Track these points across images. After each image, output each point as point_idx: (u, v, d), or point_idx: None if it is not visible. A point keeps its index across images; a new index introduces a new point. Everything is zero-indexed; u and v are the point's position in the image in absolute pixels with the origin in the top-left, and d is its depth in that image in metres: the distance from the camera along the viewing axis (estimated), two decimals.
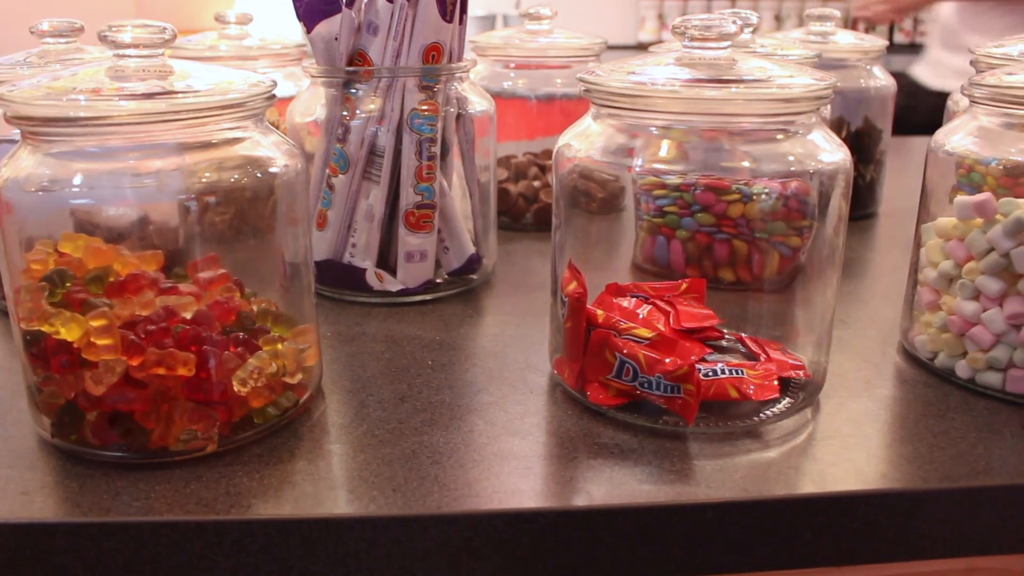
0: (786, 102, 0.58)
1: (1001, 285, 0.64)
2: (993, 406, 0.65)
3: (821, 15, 1.12)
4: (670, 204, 0.83)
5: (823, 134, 0.63)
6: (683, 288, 0.72)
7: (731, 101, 0.58)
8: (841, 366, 0.71)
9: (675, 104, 0.58)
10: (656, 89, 0.58)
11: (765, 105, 0.58)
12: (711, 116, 0.59)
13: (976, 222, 0.65)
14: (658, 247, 0.85)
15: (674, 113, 0.59)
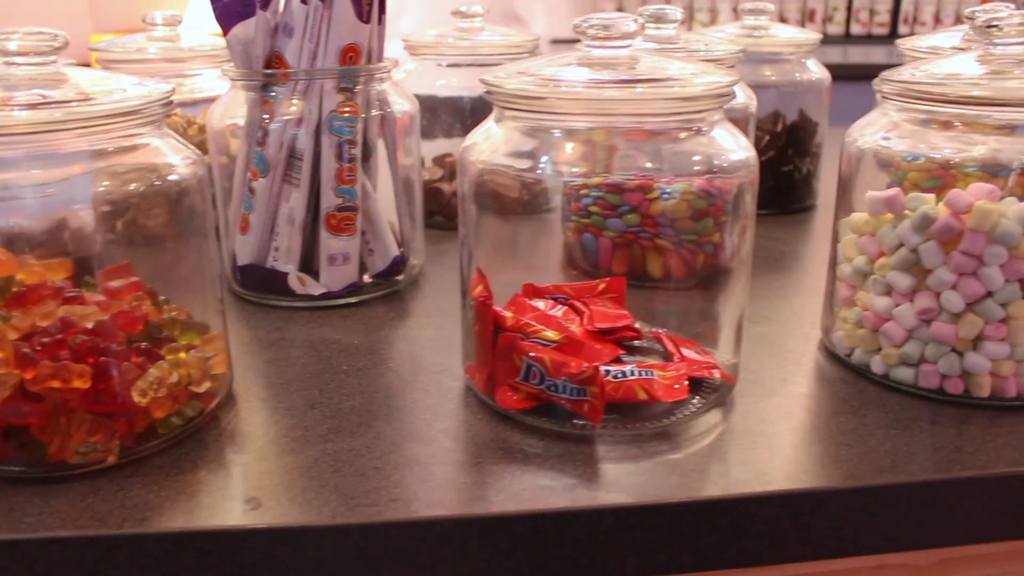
0: (686, 100, 0.58)
1: (911, 280, 0.63)
2: (906, 402, 0.64)
3: (754, 9, 1.12)
4: (594, 204, 0.83)
5: (728, 132, 0.62)
6: (601, 288, 0.72)
7: (629, 101, 0.57)
8: (760, 363, 0.70)
9: (574, 105, 0.57)
10: (554, 91, 0.58)
11: (665, 104, 0.57)
12: (611, 117, 0.58)
13: (887, 217, 0.65)
14: (586, 247, 0.84)
15: (574, 114, 0.58)
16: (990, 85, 0.62)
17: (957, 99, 0.62)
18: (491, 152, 0.62)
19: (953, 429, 0.61)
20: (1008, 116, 0.62)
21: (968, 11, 0.87)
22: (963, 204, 0.61)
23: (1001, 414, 0.63)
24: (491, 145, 0.62)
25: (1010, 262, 0.60)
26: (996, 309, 0.61)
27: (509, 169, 0.62)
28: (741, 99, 0.90)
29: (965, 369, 0.63)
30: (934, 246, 0.62)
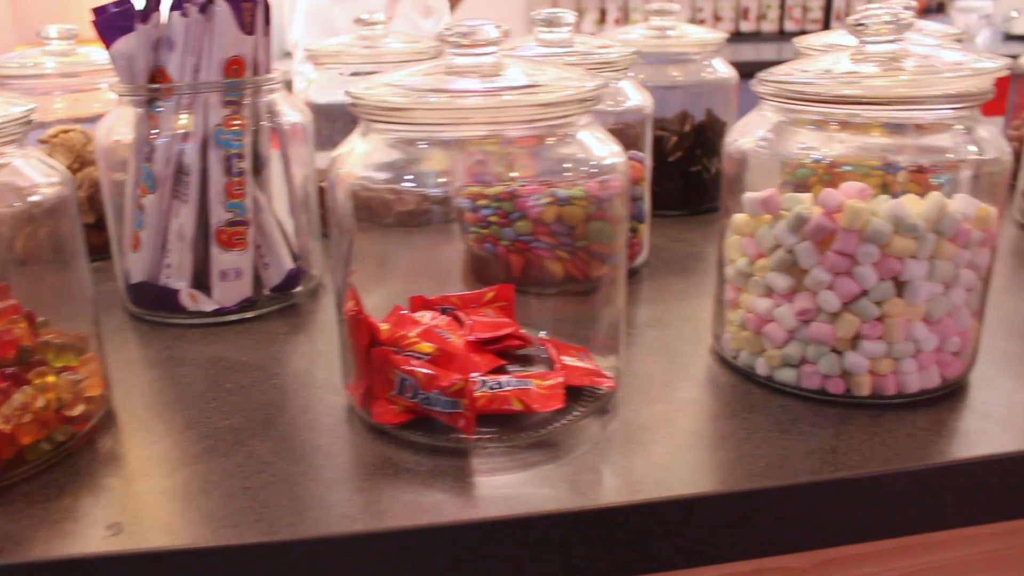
0: (547, 107, 0.57)
1: (790, 281, 0.63)
2: (789, 403, 0.64)
3: (661, 9, 1.12)
4: (492, 214, 0.82)
5: (596, 136, 0.62)
6: (490, 296, 0.71)
7: (488, 110, 0.56)
8: (648, 368, 0.70)
9: (434, 116, 0.57)
10: (417, 102, 0.57)
11: (525, 111, 0.57)
12: (471, 126, 0.57)
13: (764, 218, 0.65)
14: (486, 257, 0.83)
15: (436, 125, 0.57)
16: (861, 83, 0.62)
17: (830, 98, 0.62)
18: (359, 166, 0.61)
19: (832, 430, 0.61)
20: (876, 115, 0.61)
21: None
22: (835, 204, 0.61)
23: (882, 412, 0.63)
24: (358, 158, 0.61)
25: (883, 260, 0.60)
26: (871, 308, 0.61)
27: (370, 181, 0.61)
28: (636, 101, 0.90)
29: (845, 369, 0.63)
30: (809, 246, 0.62)
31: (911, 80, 0.61)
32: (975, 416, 0.62)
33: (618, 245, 0.65)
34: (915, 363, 0.63)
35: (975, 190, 0.63)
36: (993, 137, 0.64)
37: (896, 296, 0.61)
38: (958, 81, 0.61)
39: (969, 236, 0.61)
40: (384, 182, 0.61)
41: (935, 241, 0.60)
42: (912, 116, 0.62)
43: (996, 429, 0.61)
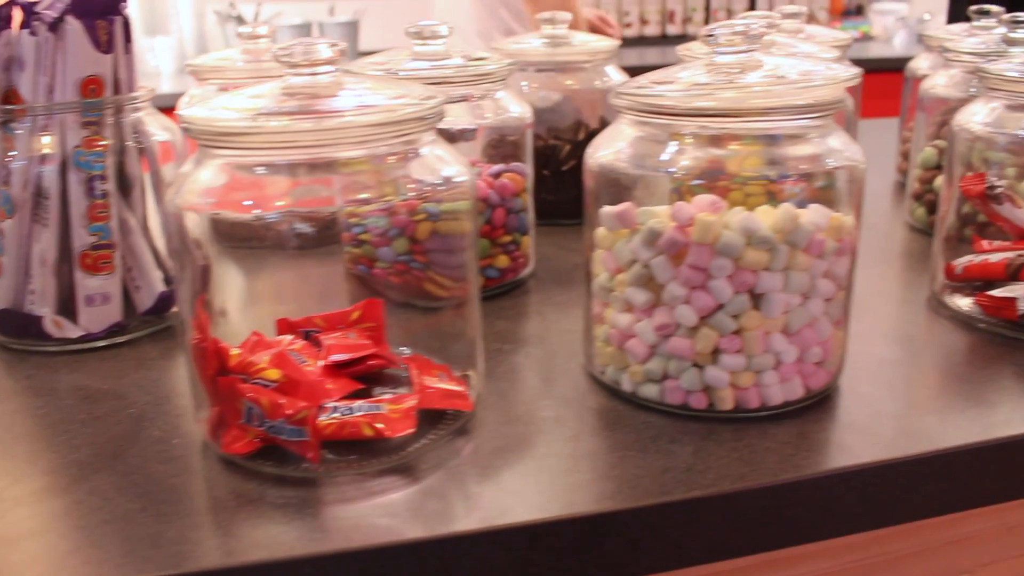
0: (380, 127, 0.56)
1: (648, 296, 0.62)
2: (652, 420, 0.63)
3: (552, 19, 1.10)
4: (364, 232, 0.81)
5: (441, 152, 0.61)
6: (356, 316, 0.70)
7: (317, 132, 0.55)
8: (516, 386, 0.69)
9: (264, 140, 0.55)
10: (251, 127, 0.55)
11: (357, 132, 0.55)
12: (302, 149, 0.56)
13: (622, 232, 0.64)
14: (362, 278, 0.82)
15: (266, 149, 0.56)
16: (711, 96, 0.61)
17: (681, 111, 0.61)
18: (197, 190, 0.59)
19: (692, 446, 0.60)
20: (727, 127, 0.61)
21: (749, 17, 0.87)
22: (686, 217, 0.60)
23: (746, 426, 0.62)
24: (195, 183, 0.59)
25: (736, 273, 0.59)
26: (728, 321, 0.60)
27: (215, 206, 0.59)
28: (516, 111, 0.89)
29: (706, 383, 0.62)
30: (664, 261, 0.61)
31: (762, 92, 0.60)
32: (838, 427, 0.62)
33: (467, 261, 0.64)
34: (776, 375, 0.62)
35: (830, 199, 0.62)
36: (845, 146, 0.63)
37: (753, 309, 0.60)
38: (807, 92, 0.60)
39: (823, 246, 0.60)
40: (207, 203, 0.59)
41: (788, 252, 0.59)
42: (763, 128, 0.61)
43: (856, 440, 0.60)
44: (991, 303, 0.78)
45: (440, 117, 0.58)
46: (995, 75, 0.76)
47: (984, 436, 0.61)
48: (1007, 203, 0.81)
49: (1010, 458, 0.62)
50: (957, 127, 0.79)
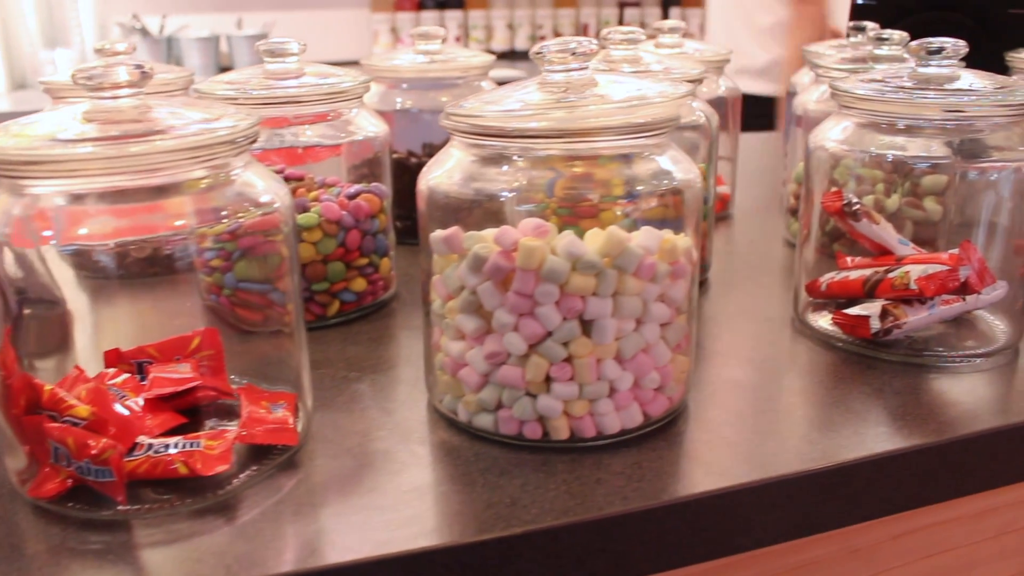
0: (170, 153, 0.53)
1: (478, 323, 0.60)
2: (486, 451, 0.61)
3: (426, 34, 1.08)
4: (216, 257, 0.77)
5: (258, 174, 0.58)
6: (195, 344, 0.67)
7: (125, 158, 0.52)
8: (354, 416, 0.66)
9: (43, 169, 0.52)
10: (47, 155, 0.52)
11: (150, 159, 0.52)
12: (120, 175, 0.53)
13: (452, 257, 0.61)
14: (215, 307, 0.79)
15: (68, 177, 0.53)
16: (539, 116, 0.59)
17: (507, 133, 0.59)
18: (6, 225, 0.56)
19: (521, 479, 0.58)
20: (556, 148, 0.59)
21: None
22: (510, 242, 0.58)
23: (583, 456, 0.60)
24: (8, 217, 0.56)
25: (564, 299, 0.57)
26: (558, 349, 0.58)
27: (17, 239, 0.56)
28: (372, 131, 0.86)
29: (540, 413, 0.60)
30: (490, 287, 0.59)
31: (590, 112, 0.58)
32: (677, 455, 0.60)
33: (286, 287, 0.61)
34: (612, 403, 0.60)
35: (666, 220, 0.61)
36: (680, 165, 0.62)
37: (583, 335, 0.58)
38: (636, 111, 0.58)
39: (654, 270, 0.58)
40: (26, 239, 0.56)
41: (617, 277, 0.57)
42: (591, 148, 0.59)
43: (693, 468, 0.59)
44: (846, 321, 0.77)
45: (252, 140, 0.56)
46: (845, 93, 0.75)
47: (822, 462, 0.60)
48: (864, 219, 0.80)
49: (847, 482, 0.60)
50: (812, 144, 0.78)
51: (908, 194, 0.86)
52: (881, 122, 0.75)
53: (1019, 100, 0.71)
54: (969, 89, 0.73)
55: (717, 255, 1.03)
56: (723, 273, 0.97)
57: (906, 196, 0.86)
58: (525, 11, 3.34)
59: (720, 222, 1.18)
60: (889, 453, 0.61)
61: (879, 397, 0.68)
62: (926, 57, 0.74)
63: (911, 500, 0.64)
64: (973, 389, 0.70)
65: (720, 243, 1.09)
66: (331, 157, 0.87)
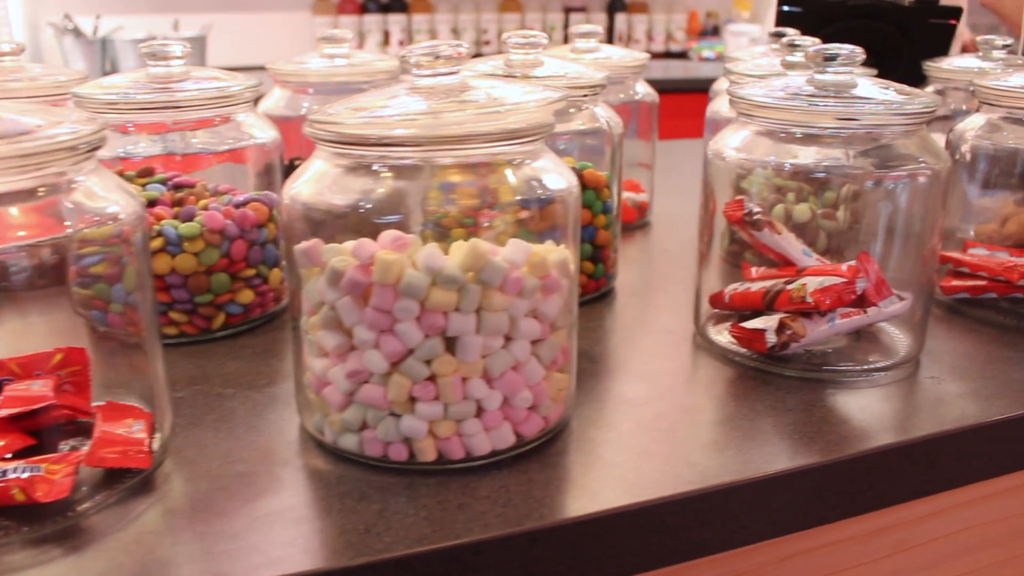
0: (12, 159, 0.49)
1: (340, 339, 0.57)
2: (351, 474, 0.58)
3: (332, 37, 1.05)
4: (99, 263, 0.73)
5: (103, 184, 0.55)
6: (57, 360, 0.63)
7: None
8: (219, 436, 0.63)
9: None
10: None
11: None
12: None
13: (314, 271, 0.58)
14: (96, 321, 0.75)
15: None
16: (406, 124, 0.56)
17: (373, 141, 0.56)
18: None
19: (380, 504, 0.55)
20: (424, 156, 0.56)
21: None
22: (367, 255, 0.55)
23: (450, 479, 0.57)
24: None
25: (424, 316, 0.55)
26: (420, 367, 0.56)
27: None
28: (263, 137, 0.83)
29: (404, 433, 0.57)
30: (349, 302, 0.56)
31: (457, 118, 0.56)
32: (547, 478, 0.58)
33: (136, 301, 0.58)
34: (480, 424, 0.57)
35: (541, 231, 0.58)
36: (555, 173, 0.59)
37: (446, 353, 0.55)
38: (503, 117, 0.56)
39: (521, 284, 0.56)
40: None
41: (480, 292, 0.55)
42: (457, 156, 0.56)
43: (561, 493, 0.56)
44: (743, 335, 0.75)
45: (96, 147, 0.53)
46: (742, 100, 0.73)
47: (699, 484, 0.57)
48: (766, 229, 0.78)
49: (724, 505, 0.58)
50: (711, 153, 0.76)
51: (828, 204, 0.84)
52: (778, 130, 0.73)
53: (915, 109, 0.69)
54: (865, 97, 0.70)
55: (628, 264, 1.00)
56: (631, 283, 0.94)
57: (824, 206, 0.84)
58: (470, 15, 3.32)
59: (638, 230, 1.16)
60: (771, 475, 0.58)
61: (771, 415, 0.66)
62: (823, 64, 0.71)
63: (797, 522, 0.62)
64: (869, 405, 0.68)
65: (633, 252, 1.07)
66: (217, 164, 0.84)
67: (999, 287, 0.85)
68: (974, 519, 0.73)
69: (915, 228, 0.75)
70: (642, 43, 3.48)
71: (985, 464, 0.68)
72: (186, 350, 0.77)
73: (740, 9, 3.52)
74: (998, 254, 0.90)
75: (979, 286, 0.87)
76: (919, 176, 0.72)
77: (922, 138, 0.72)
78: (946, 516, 0.72)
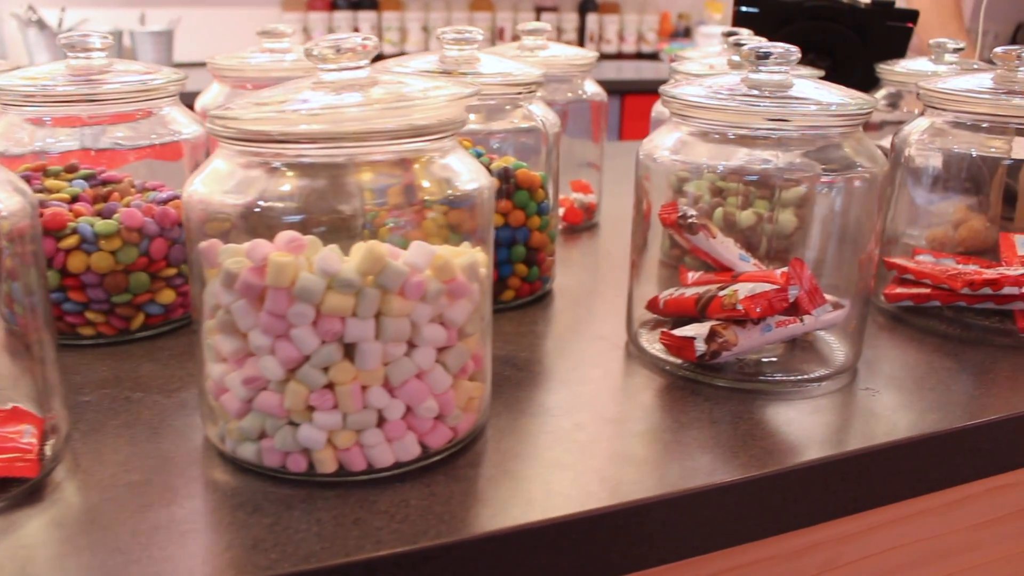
0: None
1: (237, 344, 0.54)
2: (248, 484, 0.56)
3: (273, 31, 1.03)
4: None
5: None
6: None
7: None
8: (119, 443, 0.61)
9: None
10: None
11: None
12: None
13: (213, 272, 0.56)
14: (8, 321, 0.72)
15: None
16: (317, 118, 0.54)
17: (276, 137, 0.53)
18: None
19: (272, 518, 0.52)
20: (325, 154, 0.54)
21: None
22: (260, 257, 0.52)
23: (350, 491, 0.55)
24: None
25: (321, 321, 0.52)
26: (316, 375, 0.53)
27: None
28: (187, 132, 0.80)
29: (301, 443, 0.54)
30: (244, 305, 0.53)
31: (358, 115, 0.53)
32: (450, 492, 0.55)
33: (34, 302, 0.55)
34: (381, 434, 0.55)
35: (453, 232, 0.55)
36: (466, 172, 0.56)
37: (345, 360, 0.53)
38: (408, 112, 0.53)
39: (423, 288, 0.53)
40: None
41: (379, 297, 0.52)
42: (360, 154, 0.54)
43: (464, 507, 0.54)
44: (673, 343, 0.73)
45: None
46: (676, 100, 0.70)
47: (607, 501, 0.55)
48: (701, 233, 0.76)
49: (637, 523, 0.55)
50: (642, 154, 0.74)
51: (771, 208, 0.82)
52: (710, 131, 0.70)
53: (849, 111, 0.67)
54: (800, 98, 0.68)
55: (569, 267, 0.98)
56: (569, 287, 0.92)
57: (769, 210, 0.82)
58: (440, 14, 3.29)
59: (585, 232, 1.14)
60: (686, 491, 0.56)
61: (696, 427, 0.64)
62: (756, 62, 0.69)
63: (715, 540, 0.59)
64: (799, 417, 0.66)
65: (576, 254, 1.05)
66: (136, 160, 0.81)
67: (942, 295, 0.83)
68: (905, 537, 0.71)
69: (851, 233, 0.72)
70: (613, 43, 3.46)
71: (916, 481, 0.66)
72: (102, 351, 0.75)
73: (712, 11, 3.50)
74: (944, 261, 0.88)
75: (923, 294, 0.85)
76: (855, 180, 0.70)
77: (858, 141, 0.70)
78: (876, 534, 0.70)
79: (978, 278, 0.80)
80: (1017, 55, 0.80)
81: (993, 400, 0.70)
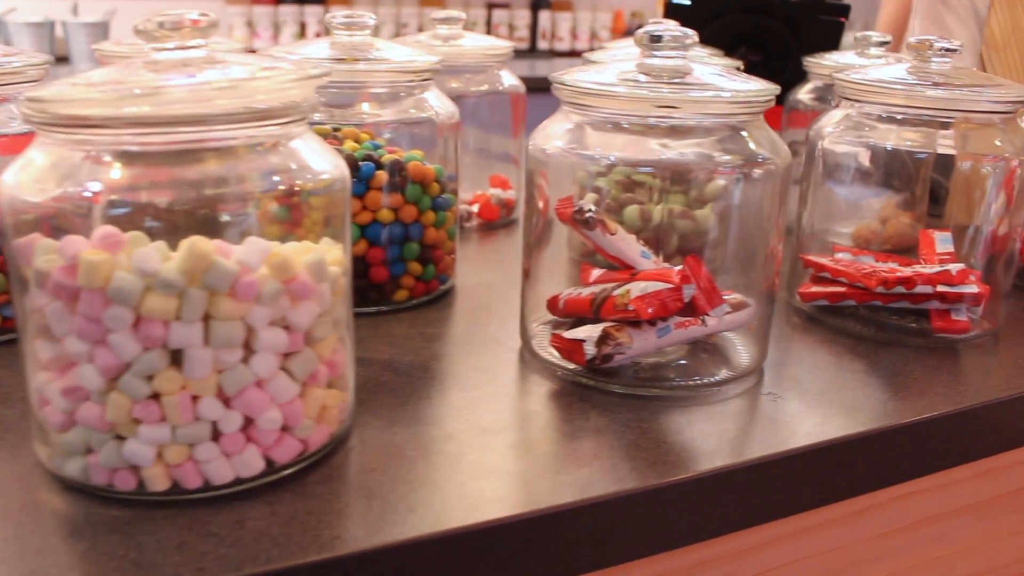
0: None
1: (55, 351, 0.49)
2: (72, 505, 0.51)
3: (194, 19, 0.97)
4: None
5: None
6: None
7: None
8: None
9: None
10: None
11: None
12: None
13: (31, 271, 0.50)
14: None
15: None
16: (132, 101, 0.48)
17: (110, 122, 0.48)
18: None
19: (88, 543, 0.48)
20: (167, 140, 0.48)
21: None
22: (71, 255, 0.47)
23: (184, 510, 0.50)
24: None
25: (141, 325, 0.47)
26: (139, 384, 0.48)
27: None
28: None
29: (128, 460, 0.49)
30: (60, 308, 0.48)
31: (180, 97, 0.48)
32: (292, 512, 0.50)
33: None
34: (217, 448, 0.50)
35: (301, 226, 0.50)
36: (315, 162, 0.52)
37: (172, 368, 0.48)
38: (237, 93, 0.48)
39: (257, 289, 0.48)
40: None
41: (206, 298, 0.47)
42: (194, 139, 0.49)
43: (304, 529, 0.49)
44: (563, 345, 0.68)
45: None
46: (565, 87, 0.66)
47: (466, 521, 0.50)
48: (598, 228, 0.71)
49: (500, 543, 0.51)
50: (531, 146, 0.69)
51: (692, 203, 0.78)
52: (600, 120, 0.66)
53: (744, 98, 0.62)
54: (694, 84, 0.64)
55: (476, 265, 0.93)
56: (472, 287, 0.87)
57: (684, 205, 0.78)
58: (389, 9, 3.23)
59: (502, 228, 1.09)
60: (550, 509, 0.51)
61: (578, 437, 0.59)
62: (649, 46, 0.65)
63: (586, 561, 0.55)
64: (692, 425, 0.61)
65: (487, 252, 1.00)
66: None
67: (857, 294, 0.79)
68: (807, 550, 0.67)
69: (751, 229, 0.68)
70: (566, 41, 3.42)
71: (815, 491, 0.62)
72: None
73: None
74: (862, 259, 0.84)
75: (837, 292, 0.81)
76: (754, 172, 0.66)
77: (760, 131, 0.66)
78: (775, 547, 0.65)
79: (891, 276, 0.76)
80: (930, 45, 0.76)
81: (900, 404, 0.66)
